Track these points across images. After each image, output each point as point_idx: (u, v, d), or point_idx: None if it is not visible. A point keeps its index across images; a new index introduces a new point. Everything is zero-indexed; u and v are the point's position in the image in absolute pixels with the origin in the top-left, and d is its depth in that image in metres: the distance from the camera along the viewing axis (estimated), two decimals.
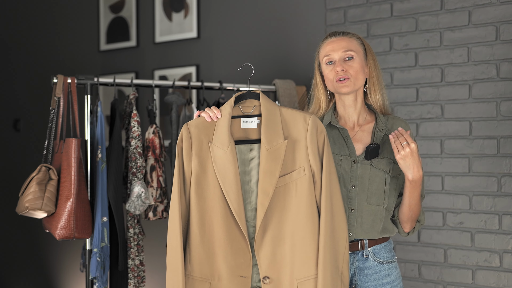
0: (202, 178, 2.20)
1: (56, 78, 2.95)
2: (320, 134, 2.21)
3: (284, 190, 2.18)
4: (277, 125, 2.20)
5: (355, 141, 2.38)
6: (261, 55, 3.97)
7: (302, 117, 2.22)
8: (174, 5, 4.35)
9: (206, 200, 2.20)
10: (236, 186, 2.16)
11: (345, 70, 2.33)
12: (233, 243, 2.18)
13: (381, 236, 2.37)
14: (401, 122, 2.42)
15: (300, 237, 2.16)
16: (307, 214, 2.16)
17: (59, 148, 2.94)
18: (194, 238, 2.20)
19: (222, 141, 2.19)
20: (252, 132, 2.25)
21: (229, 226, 2.17)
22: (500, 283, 3.13)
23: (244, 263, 2.18)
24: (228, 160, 2.17)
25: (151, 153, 3.12)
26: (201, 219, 2.20)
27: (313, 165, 2.19)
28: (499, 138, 3.14)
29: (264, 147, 2.18)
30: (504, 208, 3.13)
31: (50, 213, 2.85)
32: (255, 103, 2.27)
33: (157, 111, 4.23)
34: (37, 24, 5.20)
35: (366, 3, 3.54)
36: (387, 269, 2.37)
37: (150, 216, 3.12)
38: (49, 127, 2.98)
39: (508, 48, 3.11)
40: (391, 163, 2.36)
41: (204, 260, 2.19)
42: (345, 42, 2.37)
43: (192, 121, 2.25)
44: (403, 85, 3.43)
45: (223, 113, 2.23)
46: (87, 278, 2.97)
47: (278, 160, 2.17)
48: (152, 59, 4.49)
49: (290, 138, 2.20)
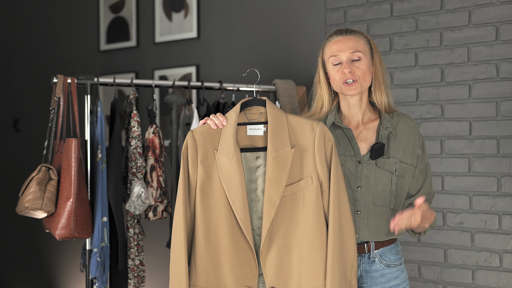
0: (208, 187, 2.18)
1: (56, 78, 2.95)
2: (328, 143, 2.17)
3: (291, 199, 2.15)
4: (284, 133, 2.17)
5: (360, 141, 2.34)
6: (261, 55, 3.97)
7: (309, 125, 2.18)
8: (174, 5, 4.35)
9: (211, 209, 2.17)
10: (242, 195, 2.13)
11: (353, 72, 2.28)
12: (239, 253, 2.15)
13: (387, 238, 2.33)
14: (406, 119, 2.37)
15: (308, 246, 2.13)
16: (315, 224, 2.13)
17: (59, 148, 2.94)
18: (200, 248, 2.17)
19: (227, 149, 2.16)
20: (258, 140, 2.22)
21: (235, 235, 2.15)
22: (500, 283, 3.13)
23: (250, 273, 2.15)
24: (234, 169, 2.14)
25: (151, 153, 3.12)
26: (207, 228, 2.17)
27: (320, 174, 2.15)
28: (499, 138, 3.14)
29: (270, 155, 2.14)
30: (504, 208, 3.13)
31: (50, 213, 2.85)
32: (261, 110, 2.23)
33: (157, 111, 4.23)
34: (37, 24, 5.20)
35: (366, 3, 3.54)
36: (393, 272, 2.33)
37: (150, 216, 3.12)
38: (49, 127, 2.98)
39: (508, 48, 3.11)
40: (397, 162, 2.31)
41: (209, 269, 2.16)
42: (353, 42, 2.31)
43: (197, 128, 2.22)
44: (403, 85, 3.43)
45: (228, 121, 2.20)
46: (87, 278, 2.97)
47: (284, 169, 2.14)
48: (152, 59, 4.49)
49: (297, 147, 2.17)
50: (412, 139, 2.35)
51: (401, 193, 2.35)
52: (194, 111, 3.24)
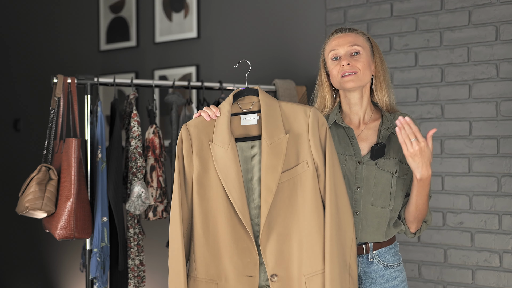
0: (204, 178, 2.17)
1: (56, 78, 2.95)
2: (321, 127, 2.17)
3: (288, 185, 2.15)
4: (277, 119, 2.17)
5: (361, 140, 2.33)
6: (261, 55, 3.97)
7: (302, 110, 2.18)
8: (174, 5, 4.35)
9: (209, 201, 2.17)
10: (238, 184, 2.13)
11: (352, 65, 2.27)
12: (239, 243, 2.14)
13: (386, 239, 2.32)
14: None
15: (307, 232, 2.13)
16: (313, 208, 2.13)
17: (59, 148, 2.94)
18: (199, 240, 2.17)
19: (222, 139, 2.16)
20: (252, 129, 2.22)
21: (233, 225, 2.14)
22: (500, 283, 3.13)
23: (250, 262, 2.14)
24: (229, 159, 2.14)
25: (151, 153, 3.12)
26: (205, 219, 2.16)
27: (316, 159, 2.15)
28: (499, 138, 3.14)
29: (265, 142, 2.14)
30: (504, 208, 3.13)
31: (50, 213, 2.85)
32: (254, 99, 2.24)
33: (157, 111, 4.23)
34: (37, 24, 5.20)
35: (366, 3, 3.54)
36: (392, 273, 2.32)
37: (150, 216, 3.12)
38: (49, 127, 2.98)
39: (508, 48, 3.11)
40: (398, 163, 2.30)
41: (209, 261, 2.16)
42: (351, 37, 2.32)
43: (191, 121, 2.22)
44: (403, 85, 3.43)
45: (222, 111, 2.20)
46: (87, 278, 2.97)
47: (280, 155, 2.13)
48: (152, 59, 4.49)
49: (291, 132, 2.17)
50: None
51: (401, 194, 2.34)
52: (194, 111, 3.25)
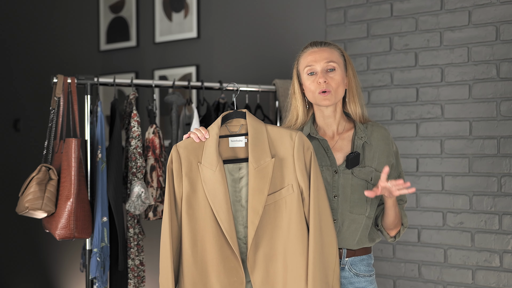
0: (193, 199, 2.23)
1: (56, 78, 2.95)
2: (307, 151, 2.23)
3: (274, 207, 2.21)
4: (263, 143, 2.23)
5: (335, 151, 2.38)
6: (261, 55, 3.97)
7: (288, 135, 2.24)
8: (174, 5, 4.35)
9: (197, 220, 2.23)
10: (226, 205, 2.19)
11: (327, 82, 2.32)
12: (226, 262, 2.20)
13: (358, 247, 2.36)
14: (380, 129, 2.41)
15: (291, 253, 2.19)
16: (297, 231, 2.18)
17: (59, 148, 2.94)
18: (187, 259, 2.23)
19: (210, 161, 2.22)
20: (240, 151, 2.28)
21: (221, 245, 2.20)
22: (500, 283, 3.13)
23: (237, 281, 2.20)
24: (217, 180, 2.20)
25: (151, 153, 3.12)
26: (193, 239, 2.23)
27: (301, 182, 2.21)
28: (499, 138, 3.14)
29: (252, 166, 2.20)
30: (504, 208, 3.13)
31: (50, 213, 2.85)
32: (241, 122, 2.29)
33: (157, 111, 4.23)
34: (37, 24, 5.20)
35: (366, 3, 3.54)
36: (362, 282, 2.36)
37: (150, 216, 3.13)
38: (49, 127, 2.98)
39: (508, 48, 3.11)
40: (373, 171, 2.35)
41: (197, 280, 2.22)
42: (327, 53, 2.36)
43: (181, 142, 2.28)
44: (403, 85, 3.43)
45: (210, 134, 2.26)
46: (87, 278, 2.97)
47: (266, 178, 2.19)
48: (152, 59, 4.49)
49: (277, 156, 2.22)
50: (386, 148, 2.39)
51: (375, 202, 2.39)
52: (194, 111, 3.25)
